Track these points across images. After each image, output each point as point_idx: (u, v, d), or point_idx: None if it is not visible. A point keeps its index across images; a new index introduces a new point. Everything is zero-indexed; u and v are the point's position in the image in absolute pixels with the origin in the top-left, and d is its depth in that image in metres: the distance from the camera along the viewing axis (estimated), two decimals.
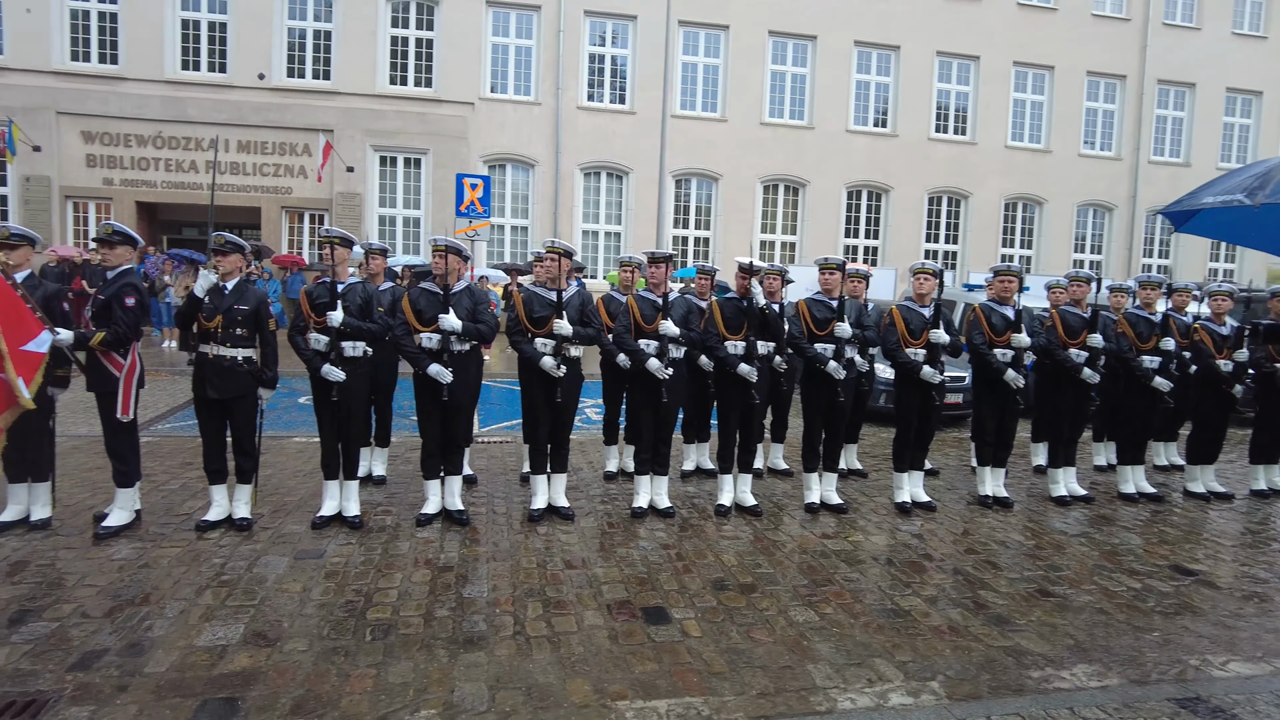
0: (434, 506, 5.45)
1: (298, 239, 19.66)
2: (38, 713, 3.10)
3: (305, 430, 8.36)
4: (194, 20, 18.96)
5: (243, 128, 18.56)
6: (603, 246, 21.07)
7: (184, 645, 3.65)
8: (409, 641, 3.77)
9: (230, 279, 5.01)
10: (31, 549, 4.76)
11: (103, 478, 5.93)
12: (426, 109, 19.53)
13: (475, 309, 5.35)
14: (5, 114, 16.92)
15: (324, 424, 5.26)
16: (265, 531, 5.16)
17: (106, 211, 18.72)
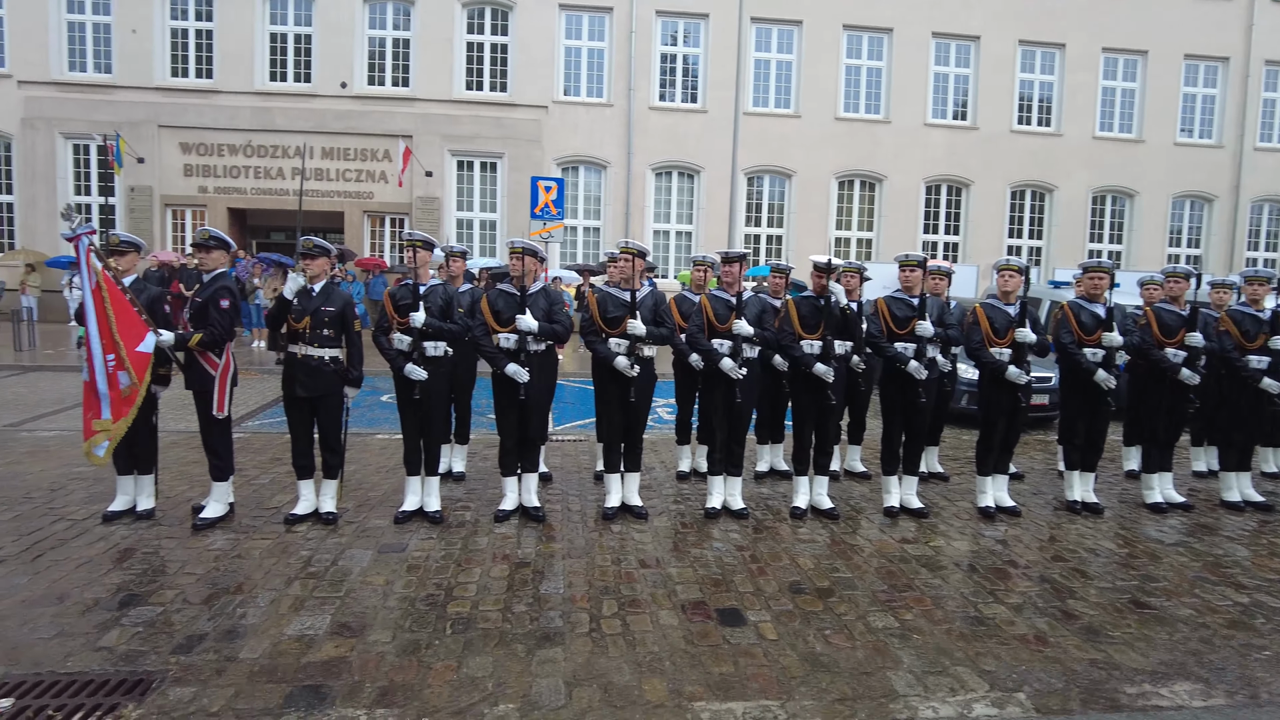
0: (511, 503, 5.55)
1: (379, 242, 20.28)
2: (146, 691, 3.28)
3: (387, 427, 8.62)
4: (281, 34, 19.76)
5: (326, 135, 19.26)
6: (674, 246, 21.08)
7: (275, 633, 3.81)
8: (488, 636, 3.84)
9: (318, 282, 5.21)
10: (138, 537, 5.04)
11: (200, 471, 6.24)
12: (502, 113, 19.89)
13: (551, 309, 5.42)
14: (114, 129, 17.96)
15: (407, 421, 5.41)
16: (350, 525, 5.34)
17: (202, 218, 19.68)
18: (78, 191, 19.62)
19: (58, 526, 5.20)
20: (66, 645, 3.65)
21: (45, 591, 4.21)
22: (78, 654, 3.57)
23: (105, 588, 4.28)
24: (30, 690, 3.28)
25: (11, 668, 3.44)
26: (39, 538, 4.99)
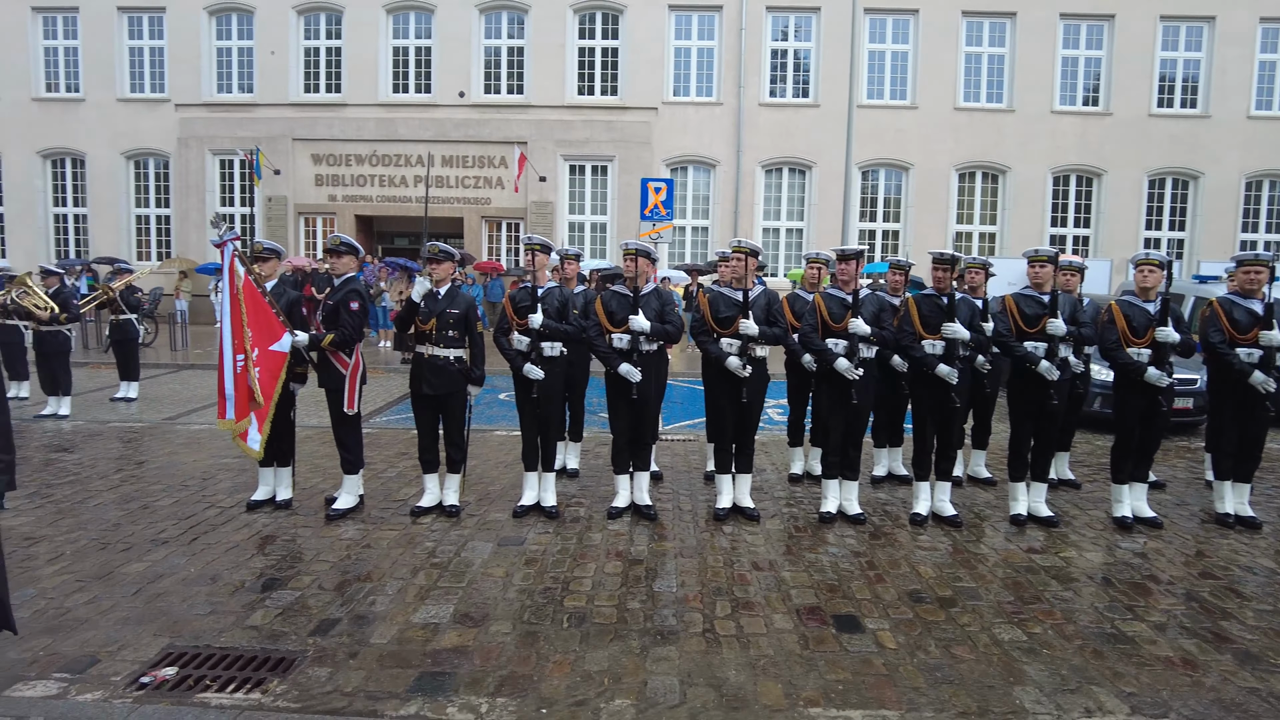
0: (624, 500, 5.62)
1: (496, 246, 20.95)
2: (288, 669, 3.51)
3: (505, 424, 8.90)
4: (403, 47, 20.70)
5: (446, 143, 20.03)
6: (784, 243, 20.78)
7: (402, 621, 4.00)
8: (603, 631, 3.90)
9: (443, 285, 5.44)
10: (277, 525, 5.41)
11: (332, 465, 6.62)
12: (612, 116, 20.16)
13: (663, 310, 5.46)
14: (254, 144, 19.32)
15: (525, 419, 5.58)
16: (471, 518, 5.55)
17: (331, 225, 20.87)
18: (223, 203, 21.20)
19: (209, 513, 5.64)
20: (219, 622, 3.95)
21: (200, 572, 4.57)
22: (229, 631, 3.86)
23: (250, 571, 4.60)
24: (190, 661, 3.57)
25: (175, 639, 3.75)
26: (194, 522, 5.43)
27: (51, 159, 21.67)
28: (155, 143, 21.10)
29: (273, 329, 5.17)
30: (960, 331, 5.36)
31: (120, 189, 21.45)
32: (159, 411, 9.72)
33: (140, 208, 21.69)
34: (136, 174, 21.62)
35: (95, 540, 5.06)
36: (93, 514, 5.60)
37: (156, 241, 21.69)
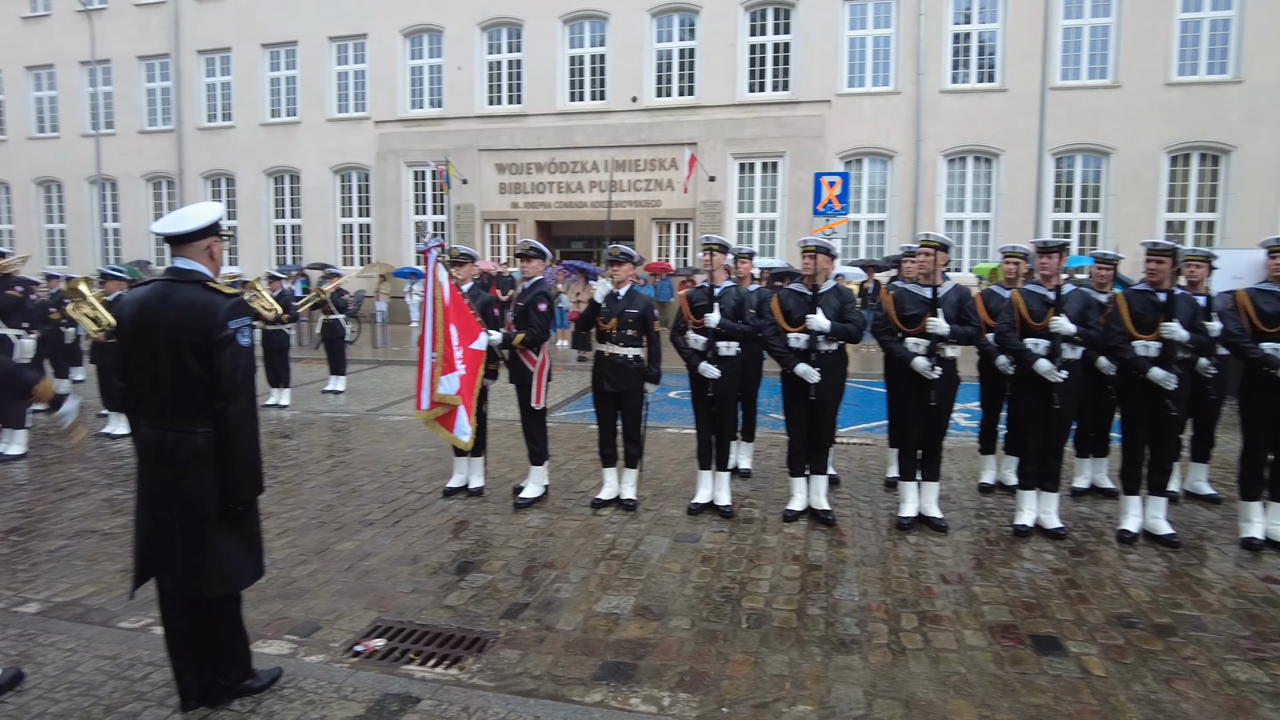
0: (800, 504, 5.52)
1: (665, 247, 21.24)
2: (482, 649, 3.72)
3: (676, 422, 9.00)
4: (579, 56, 21.44)
5: (620, 148, 20.54)
6: (968, 236, 19.63)
7: (585, 609, 4.13)
8: (783, 635, 3.85)
9: (623, 286, 5.58)
10: (470, 512, 5.75)
11: (519, 456, 6.96)
12: (784, 112, 19.87)
13: (843, 308, 5.30)
14: (444, 155, 20.71)
15: (700, 418, 5.61)
16: (648, 513, 5.65)
17: (514, 231, 21.98)
18: (417, 212, 22.89)
19: (409, 498, 6.10)
20: (420, 600, 4.26)
21: (403, 552, 4.95)
22: (429, 609, 4.15)
23: (447, 554, 4.93)
24: (396, 634, 3.87)
25: (382, 614, 4.09)
26: (396, 506, 5.89)
27: (273, 176, 24.29)
28: (358, 157, 23.13)
29: (471, 329, 5.51)
30: (1179, 332, 4.82)
31: (329, 201, 23.69)
32: (363, 404, 10.65)
33: (345, 217, 23.86)
34: (342, 187, 23.80)
35: (313, 519, 5.61)
36: (310, 495, 6.21)
37: (359, 248, 23.76)
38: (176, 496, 2.91)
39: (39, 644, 3.65)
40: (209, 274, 2.98)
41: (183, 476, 2.91)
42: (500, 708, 3.12)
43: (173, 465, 2.90)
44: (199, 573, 2.93)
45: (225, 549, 2.98)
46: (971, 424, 8.10)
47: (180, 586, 2.96)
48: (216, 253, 3.05)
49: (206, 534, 2.93)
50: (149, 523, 2.96)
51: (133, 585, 3.04)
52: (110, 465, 7.20)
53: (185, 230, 2.94)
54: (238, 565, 3.03)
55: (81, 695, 3.20)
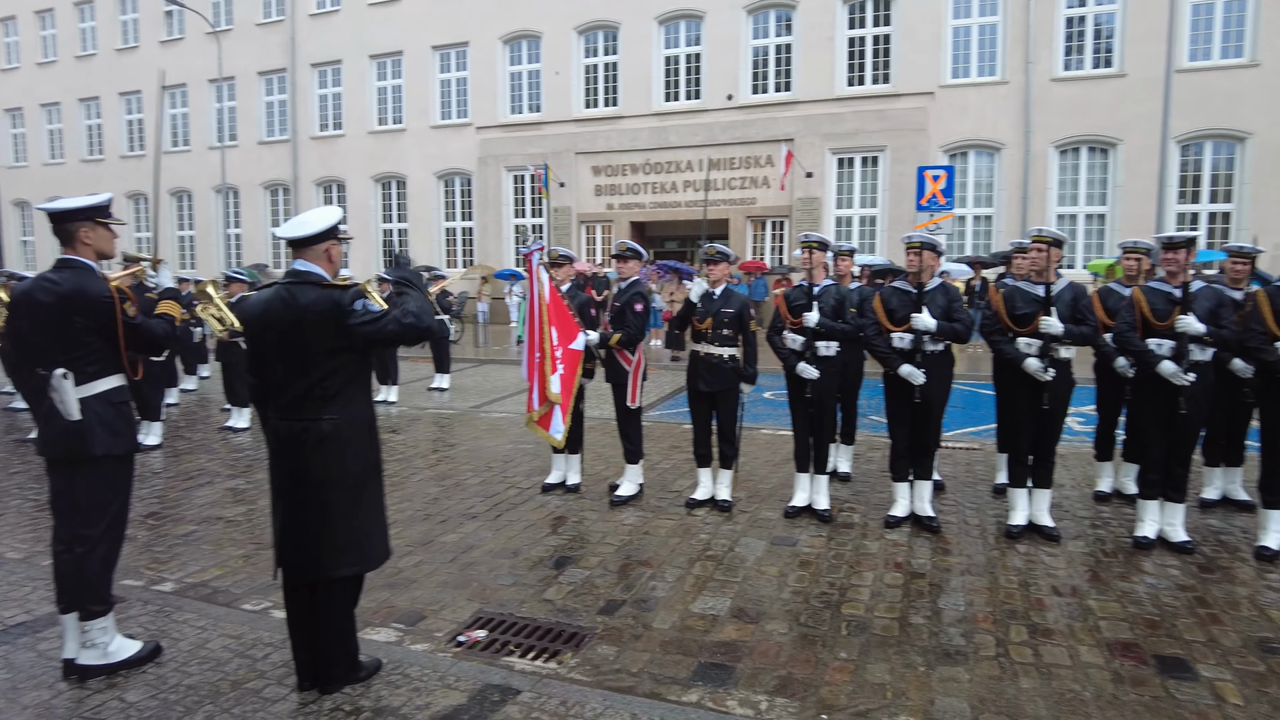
0: (903, 509, 5.36)
1: (760, 246, 21.03)
2: (579, 644, 3.77)
3: (771, 423, 8.90)
4: (674, 56, 21.46)
5: (715, 147, 20.45)
6: (1082, 231, 18.62)
7: (681, 609, 4.13)
8: (884, 643, 3.75)
9: (719, 285, 5.55)
10: (568, 508, 5.85)
11: (614, 454, 7.02)
12: (884, 106, 19.35)
13: (950, 306, 5.12)
14: (542, 159, 21.12)
15: (797, 419, 5.52)
16: (743, 515, 5.61)
17: (609, 232, 22.21)
18: (516, 215, 23.44)
19: (510, 493, 6.25)
20: (521, 593, 4.35)
21: (504, 546, 5.07)
22: (529, 602, 4.24)
23: (545, 548, 5.02)
24: (497, 626, 3.97)
25: (484, 605, 4.20)
26: (497, 500, 6.04)
27: (381, 182, 25.35)
28: (460, 163, 23.87)
29: (570, 329, 5.60)
30: None
31: (433, 205, 24.54)
32: (466, 400, 10.98)
33: (448, 221, 24.66)
34: (445, 191, 24.61)
35: (419, 511, 5.82)
36: (416, 488, 6.44)
37: (462, 251, 24.52)
38: (307, 481, 3.08)
39: (174, 620, 3.92)
40: (326, 275, 3.13)
41: (312, 462, 3.07)
42: (598, 703, 3.16)
43: (302, 452, 3.07)
44: (331, 552, 3.10)
45: (355, 529, 3.15)
46: (1086, 429, 7.68)
47: (314, 567, 3.12)
48: (335, 255, 3.20)
49: (336, 515, 3.10)
50: (282, 509, 3.15)
51: (274, 567, 3.21)
52: (233, 457, 7.67)
53: (306, 234, 3.10)
54: (368, 545, 3.20)
55: (210, 670, 3.41)
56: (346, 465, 3.12)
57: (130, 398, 3.53)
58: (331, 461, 3.08)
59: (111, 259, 3.58)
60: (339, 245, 3.23)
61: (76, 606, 3.30)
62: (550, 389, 5.48)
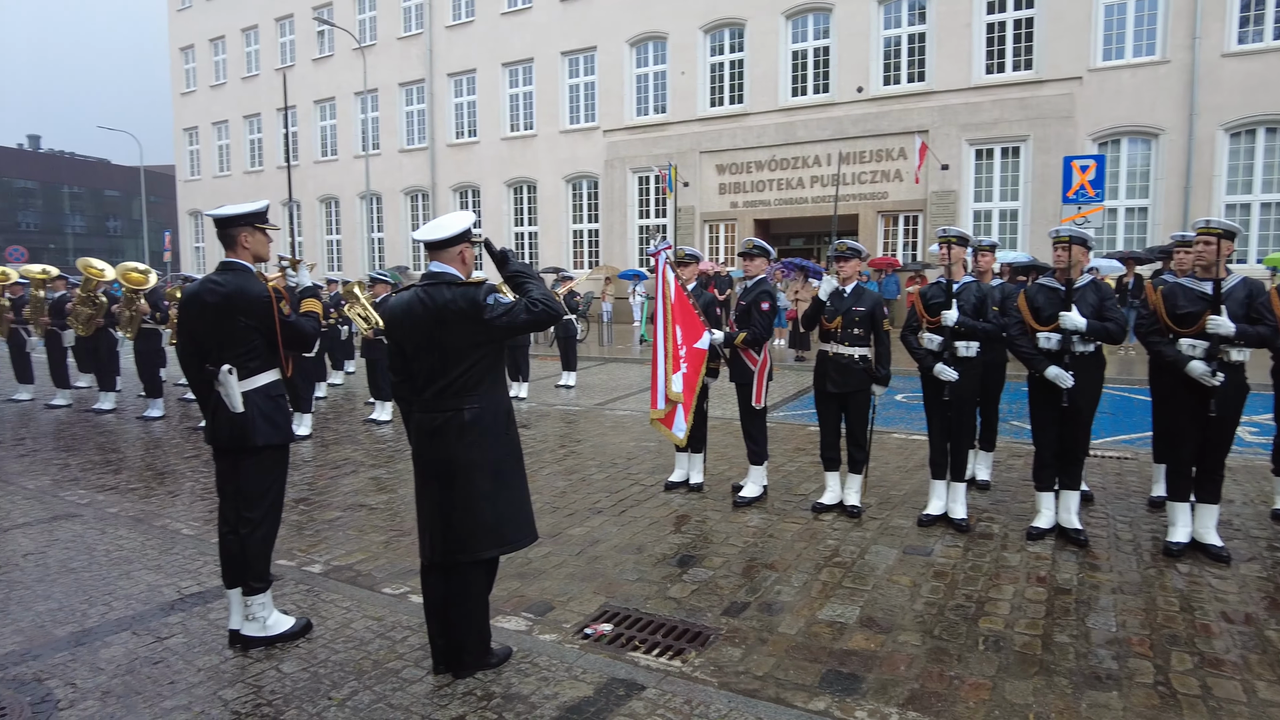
0: (1047, 521, 5.03)
1: (891, 241, 20.34)
2: (704, 643, 3.76)
3: (903, 427, 8.58)
4: (802, 50, 21.07)
5: (844, 141, 19.96)
6: (1256, 222, 16.94)
7: (808, 615, 4.04)
8: (1025, 661, 3.53)
9: (849, 283, 5.40)
10: (691, 506, 5.85)
11: (737, 455, 6.97)
12: (1027, 93, 18.29)
13: (1101, 305, 4.77)
14: (667, 160, 21.24)
15: (933, 423, 5.30)
16: (873, 521, 5.43)
17: (733, 230, 22.08)
18: (641, 216, 23.69)
19: (634, 489, 6.31)
20: (645, 589, 4.38)
21: (629, 541, 5.13)
22: (653, 599, 4.26)
23: (669, 546, 5.04)
24: (622, 620, 4.01)
25: (610, 600, 4.26)
26: (621, 496, 6.12)
27: (513, 186, 26.24)
28: (588, 166, 24.37)
29: (695, 328, 5.60)
30: None
31: (561, 208, 25.18)
32: (591, 398, 11.19)
33: (576, 223, 25.23)
34: (573, 194, 25.19)
35: (548, 504, 5.97)
36: (545, 481, 6.61)
37: (588, 252, 25.02)
38: (450, 468, 3.24)
39: (322, 600, 4.20)
40: (460, 276, 3.28)
41: (455, 449, 3.23)
42: (722, 705, 3.13)
43: (445, 441, 3.24)
44: (474, 535, 3.24)
45: (496, 512, 3.29)
46: (1262, 439, 6.99)
47: (459, 549, 3.26)
48: (468, 258, 3.35)
49: (478, 499, 3.25)
50: (428, 496, 3.33)
51: (423, 552, 3.40)
52: (376, 447, 8.13)
53: (442, 238, 3.26)
54: (509, 528, 3.33)
55: (354, 649, 3.63)
56: (487, 451, 3.27)
57: (285, 391, 3.80)
58: (473, 448, 3.24)
59: (266, 261, 3.85)
60: (471, 248, 3.38)
61: (240, 582, 3.59)
62: (671, 388, 5.49)
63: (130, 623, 3.92)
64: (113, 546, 5.07)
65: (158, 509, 6.04)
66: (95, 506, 6.06)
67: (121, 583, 4.44)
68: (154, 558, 4.85)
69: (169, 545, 5.10)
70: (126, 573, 4.60)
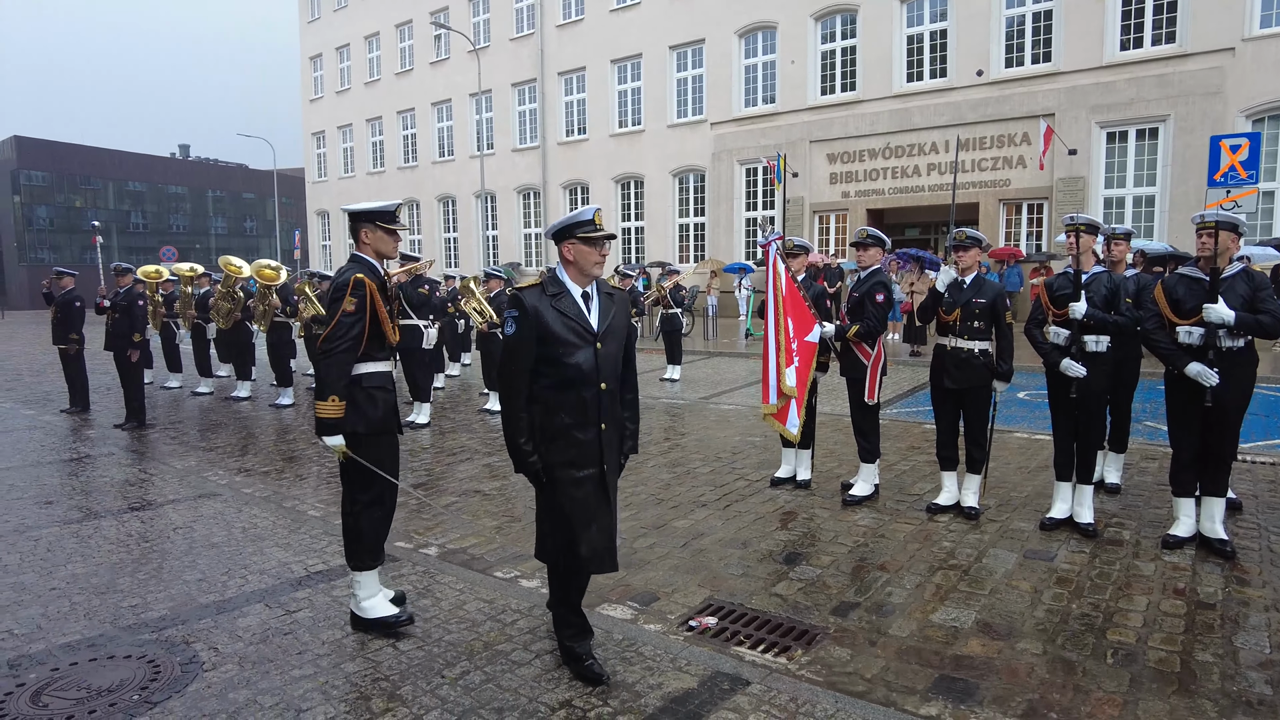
0: (1186, 529, 4.67)
1: (1014, 231, 19.35)
2: (810, 642, 3.69)
3: (1026, 426, 8.17)
4: (917, 34, 20.29)
5: (962, 126, 19.09)
6: None
7: (920, 618, 3.90)
8: (1161, 679, 3.29)
9: (968, 274, 5.17)
10: (798, 503, 5.75)
11: (846, 452, 6.81)
12: (1167, 69, 16.97)
13: (1254, 296, 4.37)
14: (775, 150, 20.92)
15: (1059, 422, 5.00)
16: (992, 524, 5.18)
17: (844, 221, 21.54)
18: (748, 208, 23.45)
19: (739, 484, 6.26)
20: (750, 585, 4.34)
21: (733, 536, 5.09)
22: (758, 594, 4.22)
23: (775, 542, 4.97)
24: (727, 615, 3.98)
25: (714, 593, 4.24)
26: (726, 490, 6.08)
27: (620, 183, 26.49)
28: (695, 160, 24.31)
29: (806, 321, 5.50)
30: None
31: (668, 202, 25.23)
32: (696, 391, 11.18)
33: (682, 217, 25.23)
34: (680, 188, 25.20)
35: (653, 496, 6.00)
36: (650, 473, 6.65)
37: (694, 245, 24.98)
38: None
39: (436, 581, 4.36)
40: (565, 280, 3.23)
41: None
42: (829, 704, 3.07)
43: None
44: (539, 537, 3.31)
45: (541, 520, 3.28)
46: None
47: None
48: (571, 254, 3.24)
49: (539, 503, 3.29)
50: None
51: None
52: (490, 436, 8.39)
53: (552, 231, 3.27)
54: (550, 541, 3.25)
55: (466, 630, 3.76)
56: None
57: (389, 383, 3.81)
58: None
59: (390, 259, 3.89)
60: (577, 245, 3.35)
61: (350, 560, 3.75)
62: (785, 382, 5.40)
63: (263, 595, 4.20)
64: (248, 524, 5.44)
65: (287, 490, 6.44)
66: (233, 487, 6.52)
67: (255, 558, 4.76)
68: (284, 536, 5.17)
69: (297, 525, 5.42)
70: (260, 549, 4.92)
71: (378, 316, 3.66)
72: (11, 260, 53.59)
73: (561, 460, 3.15)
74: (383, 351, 3.76)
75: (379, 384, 3.72)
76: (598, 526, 3.22)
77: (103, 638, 3.73)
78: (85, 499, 6.17)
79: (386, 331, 3.73)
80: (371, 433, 3.65)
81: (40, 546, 5.03)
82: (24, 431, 8.92)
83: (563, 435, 3.15)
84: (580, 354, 3.13)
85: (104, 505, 5.99)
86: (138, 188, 58.57)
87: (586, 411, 3.16)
